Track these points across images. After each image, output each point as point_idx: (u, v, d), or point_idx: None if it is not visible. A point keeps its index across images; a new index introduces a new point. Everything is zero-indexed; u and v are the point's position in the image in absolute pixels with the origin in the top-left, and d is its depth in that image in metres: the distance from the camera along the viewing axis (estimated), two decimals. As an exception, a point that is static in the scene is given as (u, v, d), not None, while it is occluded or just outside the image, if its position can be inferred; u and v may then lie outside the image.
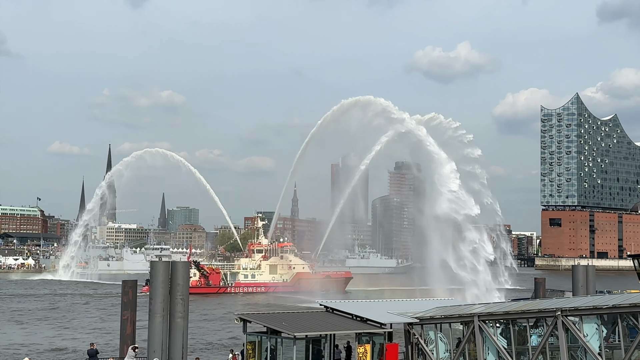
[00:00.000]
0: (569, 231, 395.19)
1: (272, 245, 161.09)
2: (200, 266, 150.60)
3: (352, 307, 44.28)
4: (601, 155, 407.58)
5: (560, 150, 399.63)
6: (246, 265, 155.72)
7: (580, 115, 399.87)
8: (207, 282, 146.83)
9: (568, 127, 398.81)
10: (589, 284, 58.22)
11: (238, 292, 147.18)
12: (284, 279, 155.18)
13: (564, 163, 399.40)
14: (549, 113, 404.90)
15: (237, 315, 41.98)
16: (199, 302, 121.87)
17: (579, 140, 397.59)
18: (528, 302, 40.28)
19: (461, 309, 40.61)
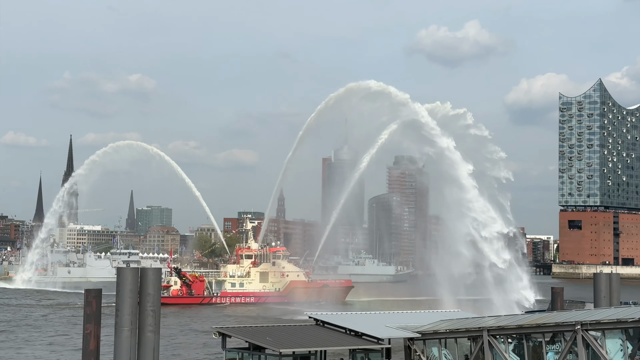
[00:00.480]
0: (591, 235, 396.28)
1: (263, 250, 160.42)
2: (182, 273, 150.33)
3: (345, 320, 44.34)
4: (627, 149, 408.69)
5: (581, 144, 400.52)
6: (234, 273, 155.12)
7: (603, 104, 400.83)
8: (189, 292, 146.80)
9: (590, 117, 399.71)
10: (612, 294, 58.44)
11: (224, 303, 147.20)
12: (276, 288, 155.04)
13: (585, 158, 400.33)
14: (568, 101, 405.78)
15: (216, 329, 41.97)
16: (179, 314, 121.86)
17: (602, 132, 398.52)
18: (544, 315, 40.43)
19: (468, 323, 40.74)
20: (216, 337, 42.13)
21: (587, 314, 37.08)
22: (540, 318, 38.08)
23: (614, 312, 36.06)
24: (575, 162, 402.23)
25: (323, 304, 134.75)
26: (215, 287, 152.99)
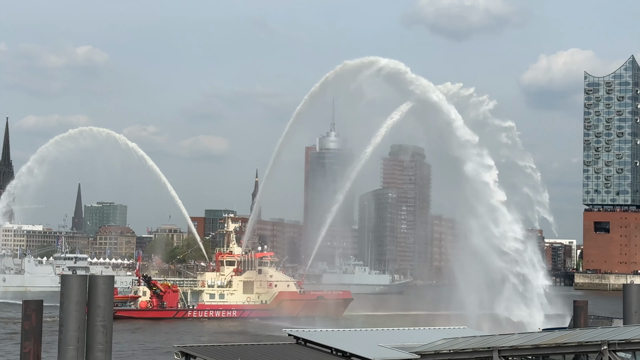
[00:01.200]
0: (620, 239, 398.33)
1: (247, 255, 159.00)
2: (152, 282, 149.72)
3: (331, 338, 44.43)
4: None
5: (610, 132, 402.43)
6: (213, 282, 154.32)
7: (636, 85, 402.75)
8: (160, 304, 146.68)
9: (620, 100, 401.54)
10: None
11: (202, 317, 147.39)
12: (263, 300, 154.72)
13: (614, 149, 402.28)
14: (595, 82, 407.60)
15: (178, 348, 41.97)
16: (145, 330, 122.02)
17: (635, 119, 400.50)
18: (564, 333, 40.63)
19: (476, 342, 40.94)
20: (178, 357, 42.12)
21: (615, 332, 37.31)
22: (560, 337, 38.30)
23: (647, 330, 36.30)
24: (603, 154, 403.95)
25: (317, 319, 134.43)
26: (191, 298, 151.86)
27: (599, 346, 34.83)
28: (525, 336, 41.04)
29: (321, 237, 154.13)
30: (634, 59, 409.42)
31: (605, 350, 34.52)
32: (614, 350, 34.53)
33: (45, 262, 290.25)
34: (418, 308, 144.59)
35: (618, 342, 34.59)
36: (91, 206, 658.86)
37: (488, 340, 41.26)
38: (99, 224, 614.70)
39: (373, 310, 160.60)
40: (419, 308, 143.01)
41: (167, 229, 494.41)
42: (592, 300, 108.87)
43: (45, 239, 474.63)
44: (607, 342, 34.67)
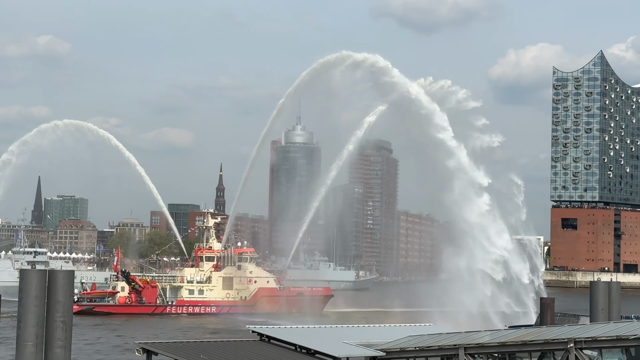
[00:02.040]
0: (588, 236, 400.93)
1: (227, 251, 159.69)
2: (131, 278, 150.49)
3: (295, 335, 44.44)
4: (631, 134, 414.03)
5: (578, 128, 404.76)
6: (192, 278, 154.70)
7: (605, 81, 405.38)
8: (139, 299, 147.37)
9: (589, 96, 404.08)
10: (612, 306, 59.28)
11: (181, 313, 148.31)
12: (242, 296, 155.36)
13: (583, 145, 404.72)
14: (563, 77, 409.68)
15: (139, 345, 41.81)
16: (125, 326, 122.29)
17: (603, 115, 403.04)
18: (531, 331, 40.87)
19: (442, 339, 41.08)
20: (139, 354, 41.96)
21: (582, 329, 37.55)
22: (526, 334, 38.50)
23: (613, 327, 36.56)
24: (571, 150, 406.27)
25: (296, 316, 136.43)
26: (170, 294, 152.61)
27: (566, 344, 35.03)
28: (492, 334, 41.21)
29: (301, 233, 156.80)
30: (602, 54, 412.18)
31: (572, 348, 34.73)
32: (580, 348, 34.75)
33: (3, 256, 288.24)
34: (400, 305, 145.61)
35: (584, 339, 34.82)
36: (51, 199, 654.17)
37: (454, 337, 41.38)
38: (59, 217, 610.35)
39: (355, 306, 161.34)
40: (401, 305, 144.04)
41: (129, 223, 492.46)
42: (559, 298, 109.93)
43: (4, 232, 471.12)
44: (574, 340, 34.89)
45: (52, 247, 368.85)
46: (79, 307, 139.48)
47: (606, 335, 34.69)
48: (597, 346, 34.66)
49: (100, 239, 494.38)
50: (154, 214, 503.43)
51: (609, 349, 34.61)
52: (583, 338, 34.80)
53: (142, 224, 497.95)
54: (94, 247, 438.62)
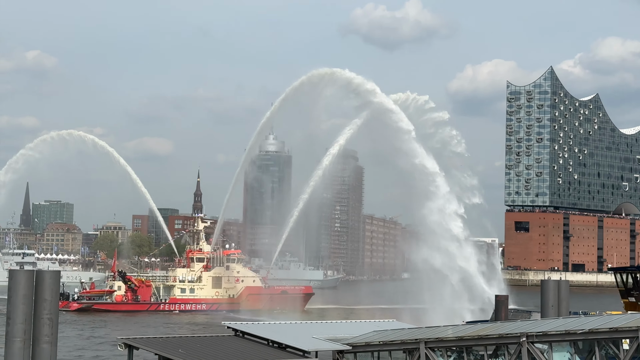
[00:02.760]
0: (539, 238, 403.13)
1: (216, 252, 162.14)
2: (127, 277, 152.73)
3: (267, 331, 44.39)
4: (579, 144, 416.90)
5: (530, 137, 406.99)
6: (184, 277, 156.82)
7: (554, 95, 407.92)
8: (135, 297, 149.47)
9: (540, 108, 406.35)
10: (561, 303, 59.57)
11: (173, 310, 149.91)
12: (230, 294, 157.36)
13: (534, 153, 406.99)
14: (516, 91, 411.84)
15: (121, 340, 41.63)
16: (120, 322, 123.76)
17: (553, 126, 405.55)
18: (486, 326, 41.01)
19: (404, 334, 41.13)
20: (122, 349, 41.77)
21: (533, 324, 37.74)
22: (482, 329, 38.62)
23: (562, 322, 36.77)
24: (524, 158, 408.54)
25: (280, 312, 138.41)
26: (163, 292, 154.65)
27: (518, 338, 35.19)
28: (450, 328, 41.31)
29: (284, 237, 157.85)
30: (552, 69, 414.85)
31: (524, 342, 34.89)
32: (532, 342, 34.91)
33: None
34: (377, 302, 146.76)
35: (536, 334, 34.98)
36: (39, 204, 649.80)
37: (415, 332, 41.47)
38: (46, 221, 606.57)
39: (334, 303, 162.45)
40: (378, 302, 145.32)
41: (112, 226, 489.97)
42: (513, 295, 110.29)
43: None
44: (526, 334, 35.04)
45: (39, 249, 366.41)
46: (79, 304, 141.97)
47: (556, 329, 34.88)
48: (548, 340, 34.84)
49: (85, 241, 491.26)
50: (136, 218, 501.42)
51: (559, 342, 34.79)
52: (535, 332, 34.97)
53: (124, 227, 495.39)
54: (80, 249, 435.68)
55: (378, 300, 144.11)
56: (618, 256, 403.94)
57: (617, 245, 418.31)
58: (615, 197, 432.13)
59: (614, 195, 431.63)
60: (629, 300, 69.13)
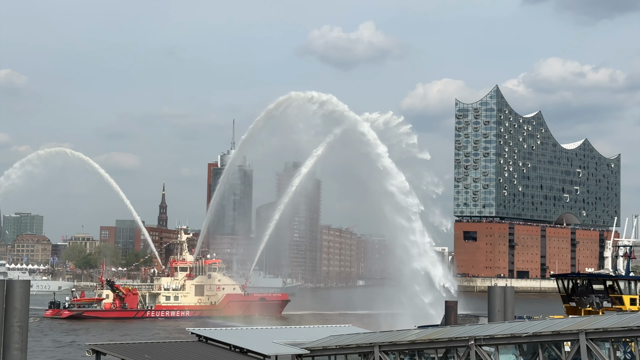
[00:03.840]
0: (486, 246, 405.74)
1: (199, 262, 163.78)
2: (115, 286, 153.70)
3: (230, 336, 44.18)
4: (523, 158, 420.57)
5: (477, 152, 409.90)
6: (168, 286, 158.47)
7: (500, 112, 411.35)
8: (122, 305, 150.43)
9: (486, 124, 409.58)
10: (507, 308, 59.86)
11: (159, 317, 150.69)
12: (212, 301, 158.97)
13: (481, 167, 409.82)
14: (464, 108, 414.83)
15: (89, 346, 41.20)
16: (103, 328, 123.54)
17: (499, 141, 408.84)
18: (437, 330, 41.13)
19: (359, 338, 41.14)
20: (89, 354, 41.33)
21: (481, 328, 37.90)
22: (433, 333, 38.73)
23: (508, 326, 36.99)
24: (471, 172, 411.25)
25: (258, 318, 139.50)
26: (148, 300, 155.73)
27: (467, 341, 35.32)
28: (403, 333, 41.38)
29: (261, 248, 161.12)
30: (498, 88, 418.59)
31: (472, 345, 35.03)
32: (479, 345, 35.07)
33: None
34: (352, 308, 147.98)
35: (483, 337, 35.14)
36: (9, 216, 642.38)
37: (370, 337, 41.50)
38: (17, 232, 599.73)
39: (309, 309, 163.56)
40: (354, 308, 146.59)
41: (81, 237, 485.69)
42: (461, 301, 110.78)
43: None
44: (474, 338, 35.19)
45: (10, 259, 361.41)
46: (70, 312, 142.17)
47: (502, 333, 35.08)
48: (494, 343, 35.01)
49: (54, 251, 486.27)
50: (104, 229, 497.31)
51: (505, 345, 34.97)
52: (482, 336, 35.13)
53: (92, 238, 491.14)
54: (49, 259, 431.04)
55: (353, 306, 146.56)
56: (560, 263, 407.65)
57: (559, 253, 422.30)
58: (557, 208, 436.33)
59: (556, 206, 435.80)
60: (570, 305, 69.76)
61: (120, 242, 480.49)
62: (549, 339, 33.68)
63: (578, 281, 70.61)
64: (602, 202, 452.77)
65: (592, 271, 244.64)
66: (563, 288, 70.41)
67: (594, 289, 69.09)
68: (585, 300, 68.35)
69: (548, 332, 33.66)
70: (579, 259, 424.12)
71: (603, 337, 33.09)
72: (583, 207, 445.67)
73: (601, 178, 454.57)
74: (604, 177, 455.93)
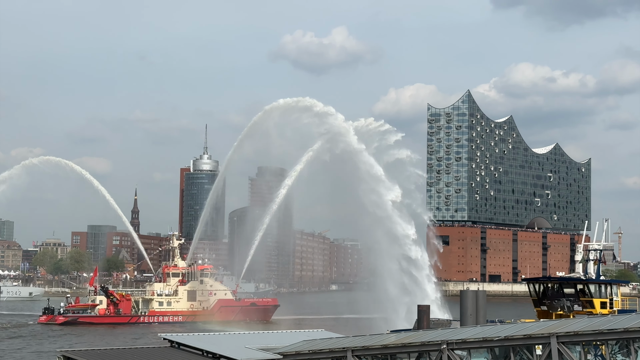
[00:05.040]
0: (458, 251, 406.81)
1: (191, 268, 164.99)
2: (109, 292, 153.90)
3: (202, 342, 44.04)
4: (495, 163, 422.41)
5: (449, 157, 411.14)
6: (161, 291, 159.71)
7: (472, 116, 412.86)
8: (117, 311, 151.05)
9: (458, 129, 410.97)
10: (479, 312, 60.14)
11: (152, 322, 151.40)
12: (204, 306, 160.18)
13: (453, 171, 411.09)
14: (436, 112, 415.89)
15: (61, 352, 40.94)
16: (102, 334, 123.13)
17: (471, 145, 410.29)
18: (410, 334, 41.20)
19: (332, 343, 41.13)
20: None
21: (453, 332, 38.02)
22: (405, 337, 38.79)
23: (480, 330, 37.12)
24: (444, 176, 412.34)
25: (249, 323, 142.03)
26: (142, 305, 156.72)
27: (439, 345, 35.42)
28: (375, 337, 41.43)
29: (252, 251, 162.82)
30: (470, 93, 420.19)
31: (445, 349, 35.13)
32: (452, 349, 35.18)
33: None
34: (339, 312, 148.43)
35: (455, 341, 35.26)
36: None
37: (343, 341, 41.50)
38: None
39: (297, 314, 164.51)
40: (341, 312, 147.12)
41: (52, 242, 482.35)
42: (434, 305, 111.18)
43: None
44: (446, 342, 35.29)
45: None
46: (64, 318, 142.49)
47: (474, 337, 35.19)
48: (467, 347, 35.13)
49: (25, 257, 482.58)
50: (75, 234, 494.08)
51: (477, 349, 35.09)
52: (454, 340, 35.24)
53: (63, 244, 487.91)
54: (20, 265, 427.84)
55: (340, 310, 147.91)
56: (531, 267, 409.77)
57: (530, 257, 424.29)
58: (529, 212, 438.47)
59: (527, 210, 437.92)
60: (541, 309, 70.12)
61: (92, 248, 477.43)
62: (521, 342, 33.84)
63: (549, 285, 70.99)
64: (572, 206, 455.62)
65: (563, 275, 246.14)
66: (534, 292, 70.74)
67: (565, 293, 69.50)
68: (557, 304, 68.75)
69: (520, 336, 33.82)
70: (550, 262, 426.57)
71: (574, 340, 33.30)
72: (554, 211, 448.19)
73: (572, 182, 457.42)
74: (574, 182, 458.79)
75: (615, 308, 68.70)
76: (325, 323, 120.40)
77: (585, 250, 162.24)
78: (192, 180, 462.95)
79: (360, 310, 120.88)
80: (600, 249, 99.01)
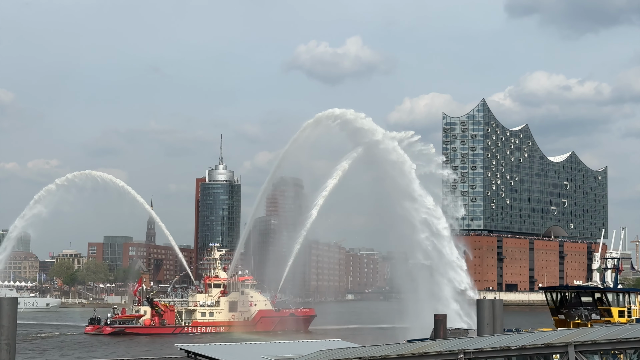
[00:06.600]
0: (474, 259, 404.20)
1: (232, 279, 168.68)
2: (154, 303, 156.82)
3: (218, 352, 44.01)
4: (510, 171, 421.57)
5: (465, 165, 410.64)
6: (203, 302, 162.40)
7: (487, 125, 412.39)
8: (161, 321, 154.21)
9: (473, 138, 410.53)
10: (495, 321, 59.85)
11: (195, 332, 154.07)
12: (245, 317, 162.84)
13: (469, 180, 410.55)
14: (451, 121, 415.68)
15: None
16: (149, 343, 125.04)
17: (486, 154, 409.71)
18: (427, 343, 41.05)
19: (348, 353, 41.02)
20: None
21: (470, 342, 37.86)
22: (422, 347, 38.65)
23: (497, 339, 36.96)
24: (459, 185, 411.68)
25: (287, 333, 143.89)
26: (185, 316, 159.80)
27: (456, 354, 35.28)
28: (392, 347, 41.29)
29: (290, 262, 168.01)
30: (484, 101, 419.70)
31: (462, 359, 34.99)
32: (469, 358, 35.04)
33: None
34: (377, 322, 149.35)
35: (472, 350, 35.11)
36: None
37: (359, 351, 41.40)
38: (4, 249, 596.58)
39: (333, 324, 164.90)
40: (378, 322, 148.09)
41: (68, 253, 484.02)
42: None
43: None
44: (464, 351, 35.15)
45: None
46: (112, 329, 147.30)
47: (491, 346, 35.05)
48: (484, 356, 34.98)
49: (42, 268, 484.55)
50: (91, 245, 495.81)
51: (494, 358, 34.95)
52: (471, 349, 35.10)
53: (80, 254, 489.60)
54: (37, 276, 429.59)
55: (377, 319, 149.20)
56: (548, 276, 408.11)
57: (547, 265, 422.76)
58: (545, 220, 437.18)
59: (544, 219, 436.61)
60: (559, 318, 69.87)
61: (109, 259, 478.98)
62: (538, 351, 33.68)
63: (566, 294, 70.74)
64: (589, 215, 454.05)
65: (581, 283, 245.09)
66: (552, 301, 70.51)
67: (582, 302, 69.24)
68: (574, 313, 68.49)
69: (537, 345, 33.65)
70: (567, 271, 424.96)
71: (592, 349, 33.12)
72: (571, 220, 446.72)
73: (588, 190, 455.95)
74: (591, 190, 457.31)
75: (633, 317, 68.38)
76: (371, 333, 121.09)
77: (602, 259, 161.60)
78: (208, 191, 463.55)
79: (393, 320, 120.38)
80: (618, 257, 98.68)
